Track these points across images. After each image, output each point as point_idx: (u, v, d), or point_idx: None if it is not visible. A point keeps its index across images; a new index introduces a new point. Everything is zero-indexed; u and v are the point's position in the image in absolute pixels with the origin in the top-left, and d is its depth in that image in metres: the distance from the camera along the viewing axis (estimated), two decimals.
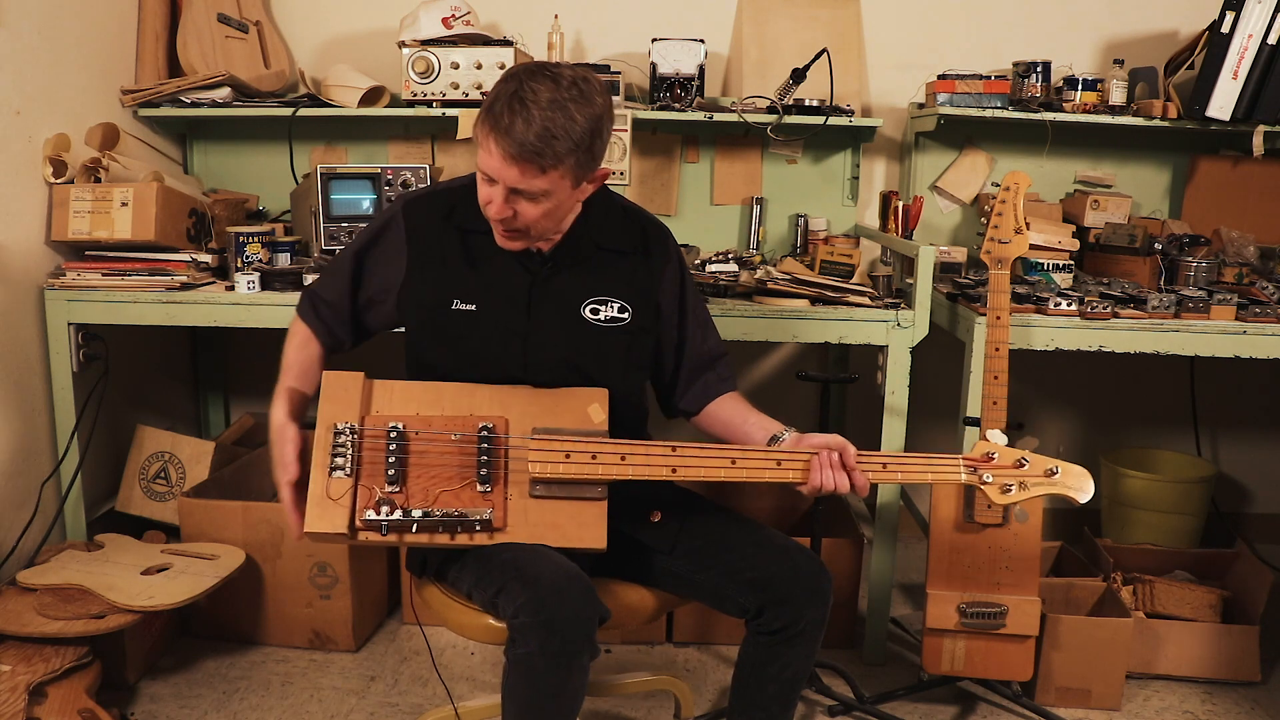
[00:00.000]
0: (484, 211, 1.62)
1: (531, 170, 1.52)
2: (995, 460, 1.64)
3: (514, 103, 1.50)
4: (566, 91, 1.51)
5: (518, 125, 1.49)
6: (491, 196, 1.57)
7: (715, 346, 1.87)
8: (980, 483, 1.63)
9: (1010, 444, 1.66)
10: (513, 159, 1.51)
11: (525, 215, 1.58)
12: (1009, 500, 1.63)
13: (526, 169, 1.52)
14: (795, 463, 1.60)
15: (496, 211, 1.57)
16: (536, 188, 1.54)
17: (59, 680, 2.04)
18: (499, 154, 1.52)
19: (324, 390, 1.63)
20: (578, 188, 1.60)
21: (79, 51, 2.56)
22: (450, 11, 2.71)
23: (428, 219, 1.71)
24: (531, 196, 1.56)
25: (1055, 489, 1.62)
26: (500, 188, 1.55)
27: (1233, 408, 3.29)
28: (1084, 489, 1.62)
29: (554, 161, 1.51)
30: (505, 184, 1.54)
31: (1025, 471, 1.63)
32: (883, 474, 1.63)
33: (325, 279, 1.82)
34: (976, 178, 3.05)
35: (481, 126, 1.54)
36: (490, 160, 1.54)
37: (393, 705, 2.29)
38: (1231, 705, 2.38)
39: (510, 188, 1.54)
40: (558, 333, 1.70)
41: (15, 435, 2.37)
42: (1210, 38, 2.66)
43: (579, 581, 1.52)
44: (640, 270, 1.77)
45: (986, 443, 1.66)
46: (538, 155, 1.50)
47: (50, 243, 2.45)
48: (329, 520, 1.54)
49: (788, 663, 1.67)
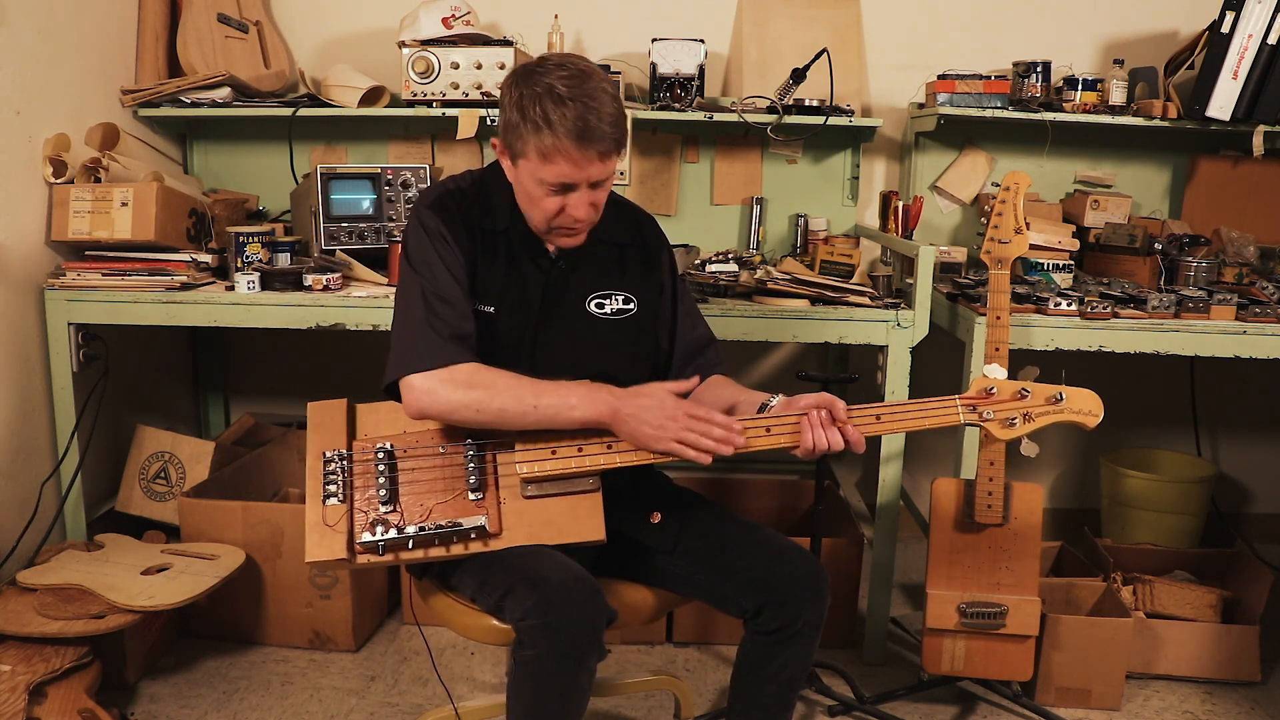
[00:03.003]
0: (550, 223, 1.62)
1: (613, 157, 1.58)
2: (995, 395, 1.57)
3: (578, 104, 1.51)
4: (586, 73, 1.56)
5: (593, 125, 1.52)
6: (569, 202, 1.59)
7: (705, 333, 1.88)
8: (981, 420, 1.56)
9: (1010, 377, 1.59)
10: (603, 156, 1.55)
11: (598, 204, 1.63)
12: (1014, 434, 1.56)
13: (609, 158, 1.57)
14: (784, 427, 1.57)
15: (587, 213, 1.60)
16: (611, 170, 1.59)
17: (59, 680, 2.04)
18: (586, 156, 1.53)
19: (310, 421, 1.65)
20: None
21: (79, 51, 2.56)
22: (450, 11, 2.71)
23: (455, 218, 1.68)
24: (602, 184, 1.61)
25: (1063, 416, 1.55)
26: (584, 189, 1.58)
27: (1233, 408, 3.29)
28: (1094, 412, 1.55)
29: (624, 137, 1.59)
30: (589, 181, 1.57)
31: (1028, 403, 1.55)
32: (876, 425, 1.58)
33: (444, 313, 1.60)
34: (976, 178, 3.05)
35: (551, 137, 1.52)
36: (569, 166, 1.54)
37: (393, 705, 2.29)
38: (1231, 705, 2.38)
39: (594, 180, 1.58)
40: (567, 331, 1.71)
41: (15, 435, 2.37)
42: (1210, 38, 2.66)
43: (586, 583, 1.52)
44: (640, 261, 1.79)
45: (985, 378, 1.58)
46: (617, 144, 1.56)
47: (50, 243, 2.45)
48: (327, 548, 1.56)
49: (785, 663, 1.67)
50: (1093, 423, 1.55)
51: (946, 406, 1.57)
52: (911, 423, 1.58)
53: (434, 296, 1.60)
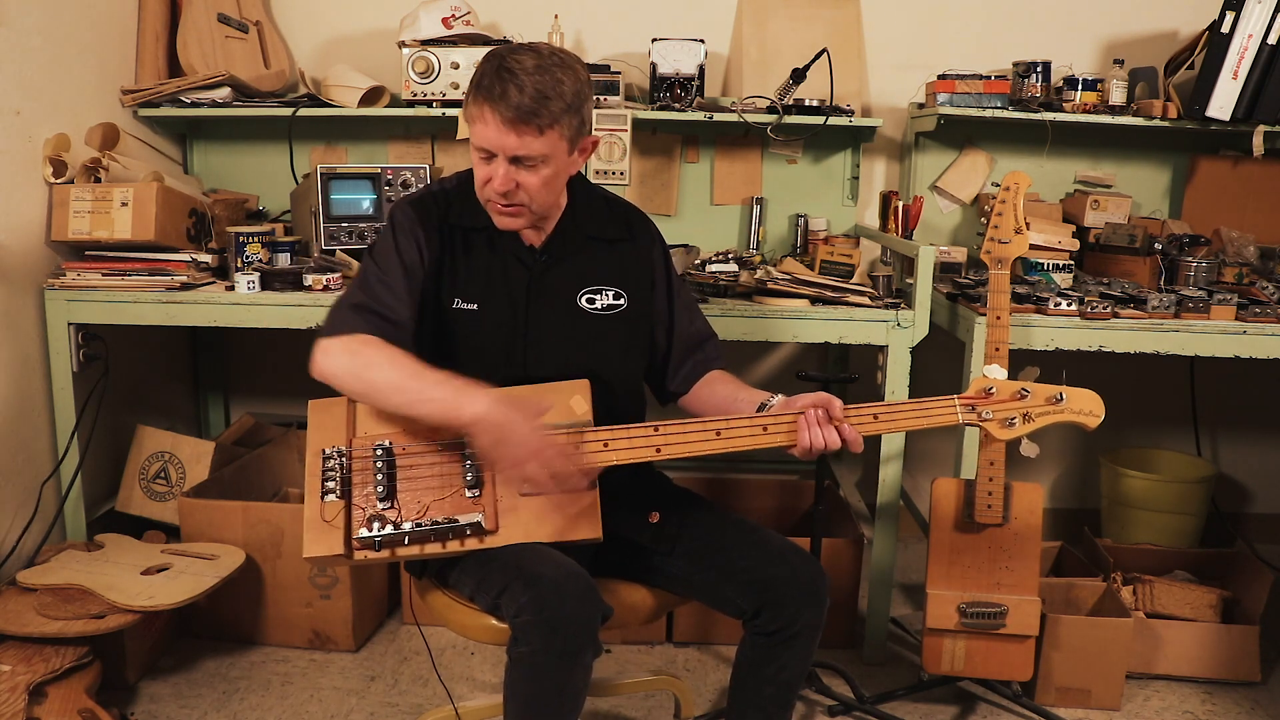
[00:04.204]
0: (482, 193, 1.63)
1: (530, 132, 1.54)
2: (994, 395, 1.56)
3: (502, 73, 1.53)
4: (549, 59, 1.56)
5: (510, 91, 1.52)
6: (492, 172, 1.58)
7: (703, 327, 1.88)
8: (980, 420, 1.56)
9: (1010, 377, 1.59)
10: (510, 124, 1.53)
11: (527, 186, 1.60)
12: (1013, 435, 1.56)
13: (525, 131, 1.54)
14: (781, 426, 1.57)
15: (500, 184, 1.58)
16: (536, 151, 1.56)
17: (59, 680, 2.04)
18: (496, 122, 1.54)
19: (310, 419, 1.65)
20: (573, 154, 1.63)
21: (79, 51, 2.56)
22: (450, 11, 2.71)
23: (432, 217, 1.71)
24: (532, 164, 1.58)
25: (1063, 417, 1.55)
26: (501, 160, 1.57)
27: (1233, 408, 3.29)
28: (1095, 412, 1.54)
29: (550, 121, 1.55)
30: (506, 153, 1.56)
31: (1028, 403, 1.55)
32: (874, 424, 1.58)
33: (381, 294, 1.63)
34: (976, 178, 3.05)
35: (474, 103, 1.55)
36: (487, 131, 1.55)
37: (393, 705, 2.29)
38: (1231, 705, 2.38)
39: (511, 157, 1.56)
40: (556, 326, 1.72)
41: (15, 435, 2.37)
42: (1210, 38, 2.66)
43: (581, 579, 1.52)
44: (630, 256, 1.79)
45: (984, 378, 1.58)
46: (534, 115, 1.53)
47: (50, 243, 2.45)
48: (325, 544, 1.56)
49: (784, 664, 1.67)
50: (1094, 423, 1.55)
51: (945, 406, 1.57)
52: (909, 422, 1.58)
53: (376, 280, 1.65)
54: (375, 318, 1.62)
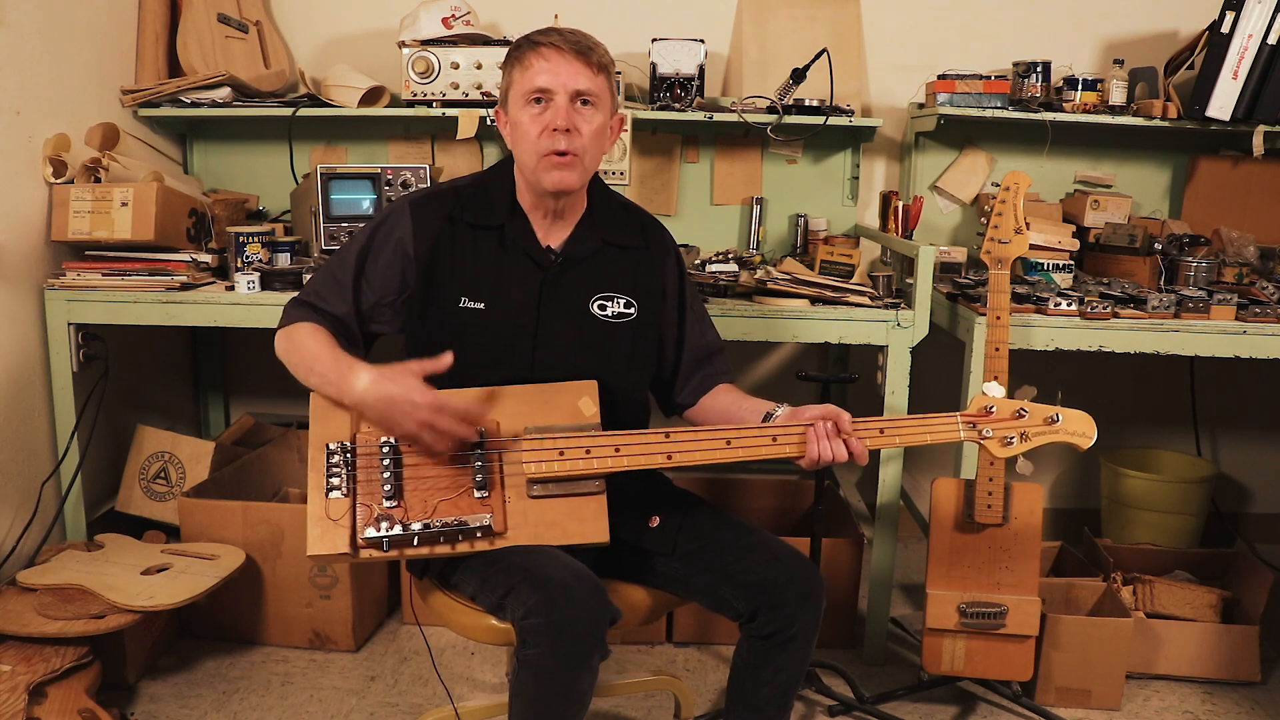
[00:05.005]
0: (538, 145, 1.63)
1: (590, 66, 1.62)
2: (994, 414, 1.61)
3: (542, 31, 1.62)
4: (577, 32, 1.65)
5: (562, 33, 1.61)
6: (549, 117, 1.61)
7: (713, 340, 1.88)
8: (980, 438, 1.61)
9: (1009, 395, 1.64)
10: (574, 54, 1.60)
11: (584, 129, 1.63)
12: (1011, 453, 1.61)
13: (587, 63, 1.61)
14: (790, 437, 1.59)
15: (563, 119, 1.60)
16: (597, 88, 1.62)
17: (59, 680, 2.04)
18: (557, 55, 1.60)
19: (312, 411, 1.63)
20: (611, 119, 1.69)
21: (79, 51, 2.56)
22: (450, 11, 2.71)
23: (436, 216, 1.70)
24: (590, 101, 1.62)
25: (1058, 437, 1.60)
26: (561, 98, 1.61)
27: (1233, 408, 3.29)
28: (1087, 434, 1.59)
29: (602, 62, 1.64)
30: (567, 88, 1.60)
31: (1025, 422, 1.60)
32: (880, 439, 1.61)
33: (324, 290, 1.72)
34: (976, 178, 3.05)
35: (524, 54, 1.62)
36: (549, 66, 1.60)
37: (393, 705, 2.29)
38: (1231, 705, 2.38)
39: (572, 92, 1.61)
40: (567, 330, 1.71)
41: (15, 435, 2.37)
42: (1210, 38, 2.66)
43: (589, 582, 1.51)
44: (644, 265, 1.79)
45: (984, 396, 1.63)
46: (591, 50, 1.62)
47: (50, 243, 2.45)
48: (330, 542, 1.54)
49: (781, 666, 1.67)
50: (1086, 444, 1.60)
51: (948, 423, 1.62)
52: (914, 437, 1.63)
53: (324, 275, 1.73)
54: (309, 309, 1.71)
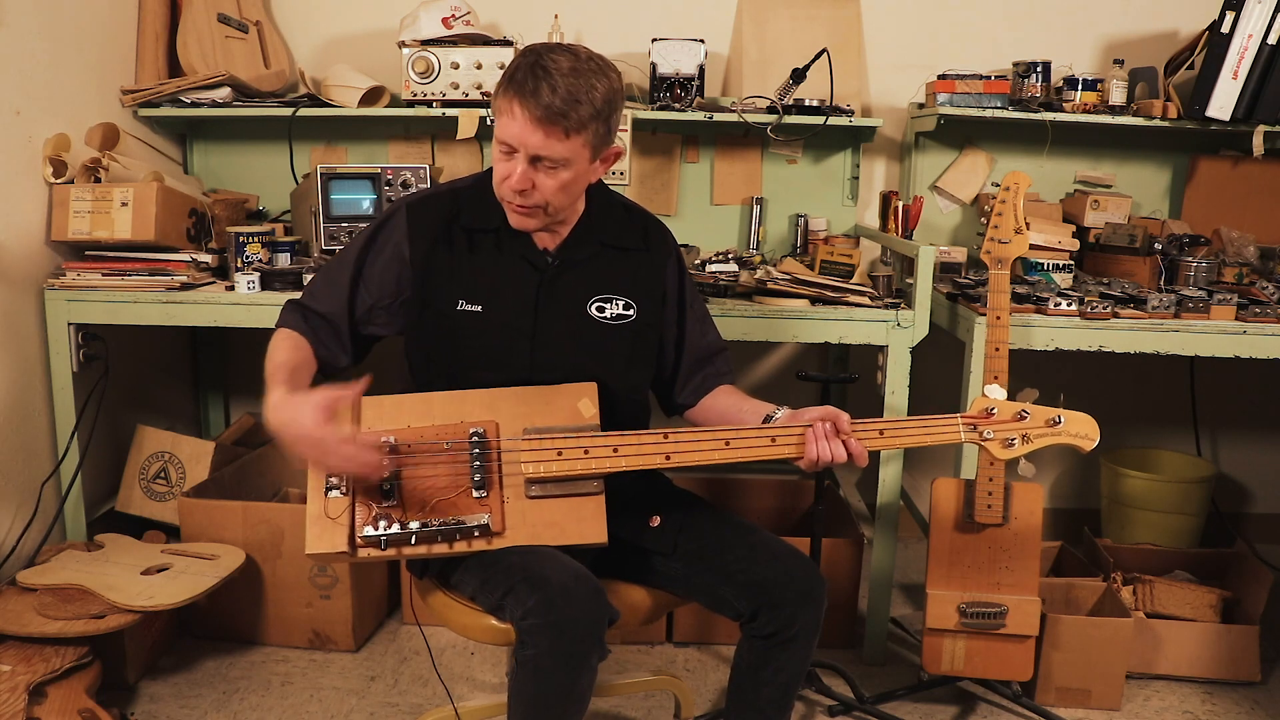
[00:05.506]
0: (499, 190, 1.62)
1: (556, 134, 1.53)
2: (995, 415, 1.60)
3: (536, 70, 1.52)
4: (585, 64, 1.55)
5: (543, 89, 1.51)
6: (510, 169, 1.57)
7: (715, 341, 1.88)
8: (981, 440, 1.59)
9: (1010, 397, 1.63)
10: (538, 122, 1.52)
11: (544, 189, 1.59)
12: (1013, 455, 1.60)
13: (551, 132, 1.53)
14: (790, 438, 1.59)
15: (517, 182, 1.57)
16: (559, 154, 1.55)
17: (59, 680, 2.04)
18: (523, 118, 1.52)
19: None
20: (594, 162, 1.62)
21: (79, 51, 2.56)
22: (450, 11, 2.71)
23: (432, 219, 1.70)
24: (552, 166, 1.56)
25: (1060, 439, 1.59)
26: (521, 157, 1.56)
27: (1233, 408, 3.29)
28: (1090, 436, 1.59)
29: (577, 126, 1.54)
30: (527, 151, 1.55)
31: (1027, 424, 1.59)
32: (879, 440, 1.60)
33: (318, 290, 1.73)
34: (976, 178, 3.05)
35: (503, 96, 1.55)
36: (513, 126, 1.54)
37: (393, 705, 2.29)
38: (1231, 705, 2.38)
39: (532, 155, 1.55)
40: (565, 332, 1.71)
41: (15, 435, 2.37)
42: (1210, 38, 2.66)
43: (587, 582, 1.51)
44: (644, 267, 1.78)
45: (985, 398, 1.62)
46: (562, 117, 1.52)
47: (50, 243, 2.45)
48: (329, 540, 1.54)
49: (782, 666, 1.67)
50: (1089, 446, 1.60)
51: (949, 425, 1.61)
52: (914, 439, 1.62)
53: (328, 275, 1.72)
54: (298, 312, 1.70)
